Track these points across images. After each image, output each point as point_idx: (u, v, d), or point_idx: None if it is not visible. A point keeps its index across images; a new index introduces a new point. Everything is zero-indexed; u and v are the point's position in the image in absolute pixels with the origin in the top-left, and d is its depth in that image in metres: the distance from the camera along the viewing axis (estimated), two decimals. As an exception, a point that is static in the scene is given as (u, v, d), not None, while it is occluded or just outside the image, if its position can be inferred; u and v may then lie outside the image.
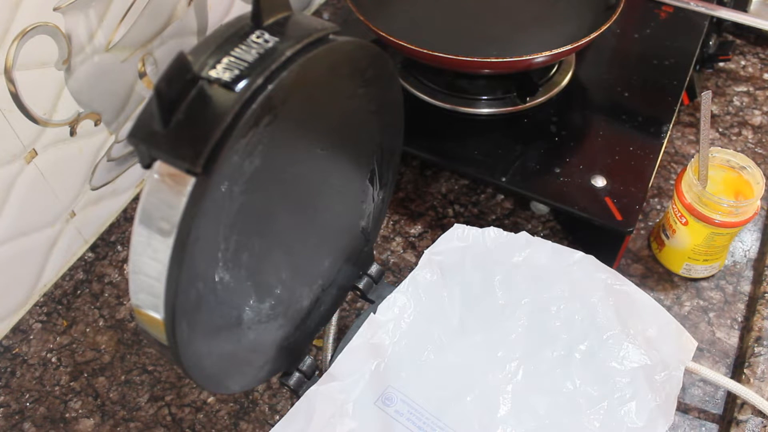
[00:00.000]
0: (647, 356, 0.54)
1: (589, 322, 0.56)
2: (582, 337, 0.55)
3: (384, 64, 0.45)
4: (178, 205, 0.33)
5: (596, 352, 0.55)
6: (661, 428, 0.51)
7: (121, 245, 0.71)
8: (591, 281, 0.57)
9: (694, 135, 0.77)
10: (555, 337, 0.56)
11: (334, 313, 0.56)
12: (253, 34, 0.35)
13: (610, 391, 0.53)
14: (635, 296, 0.56)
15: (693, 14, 0.77)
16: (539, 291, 0.57)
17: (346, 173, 0.49)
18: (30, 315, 0.65)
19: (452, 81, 0.71)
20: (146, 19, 0.66)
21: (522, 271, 0.58)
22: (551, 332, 0.56)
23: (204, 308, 0.40)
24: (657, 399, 0.52)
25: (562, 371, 0.54)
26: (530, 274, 0.58)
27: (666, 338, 0.54)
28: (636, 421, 0.51)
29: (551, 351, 0.55)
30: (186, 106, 0.32)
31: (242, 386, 0.47)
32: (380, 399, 0.53)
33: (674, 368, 0.53)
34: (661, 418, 0.51)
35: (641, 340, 0.54)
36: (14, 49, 0.54)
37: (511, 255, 0.58)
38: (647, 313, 0.55)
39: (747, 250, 0.67)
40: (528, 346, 0.55)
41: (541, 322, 0.57)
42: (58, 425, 0.58)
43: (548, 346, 0.55)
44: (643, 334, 0.55)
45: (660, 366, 0.53)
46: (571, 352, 0.55)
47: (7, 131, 0.57)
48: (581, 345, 0.55)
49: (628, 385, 0.53)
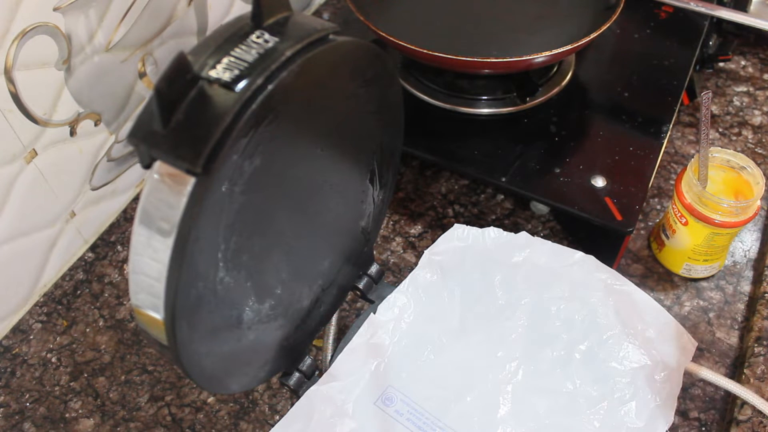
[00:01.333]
0: (647, 356, 0.54)
1: (589, 322, 0.56)
2: (582, 338, 0.55)
3: (384, 64, 0.45)
4: (178, 205, 0.33)
5: (596, 352, 0.55)
6: (661, 428, 0.51)
7: (121, 245, 0.71)
8: (591, 281, 0.57)
9: (694, 135, 0.77)
10: (555, 337, 0.56)
11: (334, 313, 0.56)
12: (253, 34, 0.35)
13: (610, 391, 0.53)
14: (635, 296, 0.56)
15: (693, 14, 0.77)
16: (539, 291, 0.57)
17: (346, 173, 0.49)
18: (30, 315, 0.65)
19: (452, 81, 0.71)
20: (146, 19, 0.66)
21: (522, 271, 0.58)
22: (551, 332, 0.56)
23: (204, 308, 0.40)
24: (657, 399, 0.52)
25: (562, 371, 0.54)
26: (530, 274, 0.58)
27: (666, 339, 0.54)
28: (636, 421, 0.51)
29: (551, 351, 0.55)
30: (186, 106, 0.32)
31: (242, 386, 0.47)
32: (380, 399, 0.53)
33: (674, 368, 0.53)
34: (661, 418, 0.51)
35: (641, 341, 0.54)
36: (14, 49, 0.54)
37: (511, 255, 0.58)
38: (647, 314, 0.55)
39: (747, 250, 0.67)
40: (528, 346, 0.55)
41: (541, 322, 0.57)
42: (58, 425, 0.58)
43: (548, 346, 0.55)
44: (643, 335, 0.55)
45: (660, 366, 0.53)
46: (571, 353, 0.55)
47: (7, 131, 0.57)
48: (581, 345, 0.55)
49: (628, 385, 0.53)
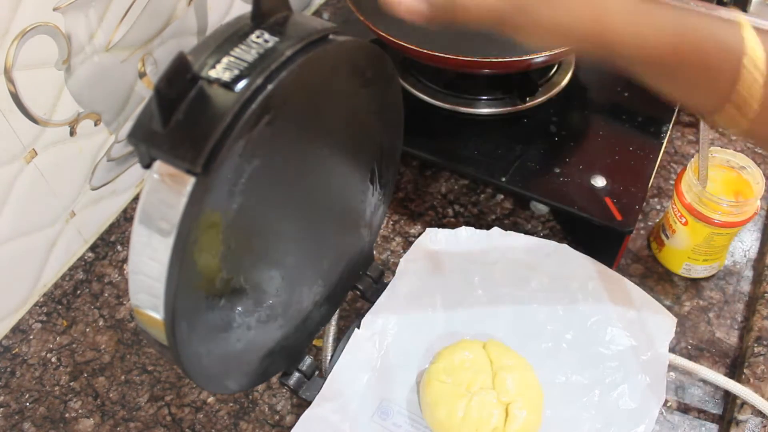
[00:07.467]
0: (632, 337, 0.55)
1: (572, 311, 0.56)
2: (566, 327, 0.56)
3: (384, 64, 0.45)
4: (178, 205, 0.33)
5: (582, 340, 0.55)
6: (655, 407, 0.51)
7: (121, 245, 0.71)
8: (568, 270, 0.58)
9: (694, 135, 0.77)
10: (540, 329, 0.56)
11: (334, 313, 0.56)
12: (253, 34, 0.35)
13: (601, 376, 0.54)
14: (612, 278, 0.57)
15: (693, 14, 0.77)
16: (519, 286, 0.58)
17: (346, 173, 0.49)
18: (30, 315, 0.65)
19: (452, 81, 0.71)
20: (146, 19, 0.66)
21: (500, 267, 0.59)
22: (536, 325, 0.57)
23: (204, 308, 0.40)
24: (647, 379, 0.53)
25: (552, 363, 0.55)
26: (508, 271, 0.59)
27: (647, 317, 0.55)
28: (630, 402, 0.52)
29: (538, 344, 0.56)
30: (186, 106, 0.32)
31: (242, 386, 0.47)
32: (376, 413, 0.53)
33: (659, 345, 0.54)
34: (653, 397, 0.52)
35: (624, 323, 0.55)
36: (14, 49, 0.54)
37: (486, 254, 0.58)
38: (626, 295, 0.56)
39: (747, 250, 0.67)
40: (515, 341, 0.55)
41: (526, 316, 0.57)
42: (58, 425, 0.58)
43: (535, 340, 0.56)
44: (625, 316, 0.56)
45: (645, 345, 0.54)
46: (558, 343, 0.56)
47: (7, 131, 0.57)
48: (567, 334, 0.56)
49: (617, 368, 0.54)
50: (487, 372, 0.52)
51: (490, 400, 0.50)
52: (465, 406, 0.50)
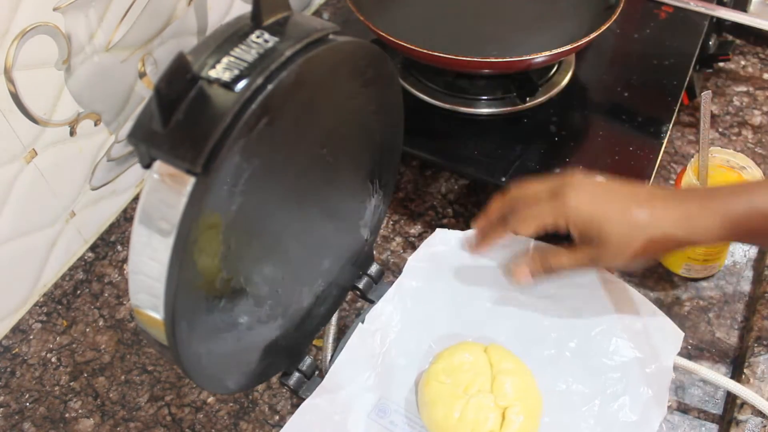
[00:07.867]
0: (636, 349, 0.54)
1: (577, 319, 0.56)
2: (570, 335, 0.56)
3: (384, 64, 0.45)
4: (177, 205, 0.33)
5: (586, 349, 0.55)
6: (655, 421, 0.51)
7: (121, 245, 0.71)
8: (576, 277, 0.57)
9: (694, 135, 0.77)
10: (544, 336, 0.56)
11: (334, 313, 0.56)
12: (252, 34, 0.35)
13: (602, 387, 0.53)
14: (620, 289, 0.56)
15: (693, 14, 0.77)
16: (525, 291, 0.58)
17: (346, 173, 0.49)
18: (30, 315, 0.65)
19: (452, 81, 0.71)
20: (146, 19, 0.66)
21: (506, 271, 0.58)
22: (540, 332, 0.56)
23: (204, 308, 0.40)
24: (649, 392, 0.52)
25: (554, 370, 0.54)
26: None
27: (653, 330, 0.55)
28: (630, 415, 0.51)
29: (541, 350, 0.55)
30: (186, 106, 0.32)
31: (242, 386, 0.47)
32: (374, 411, 0.53)
33: (664, 359, 0.53)
34: (654, 410, 0.51)
35: (629, 334, 0.55)
36: (14, 49, 0.54)
37: (495, 256, 0.58)
38: (633, 306, 0.56)
39: (747, 250, 0.67)
40: (518, 346, 0.55)
41: (530, 322, 0.57)
42: (58, 425, 0.58)
43: (537, 346, 0.56)
44: (631, 328, 0.55)
45: (650, 358, 0.53)
46: (561, 351, 0.55)
47: (7, 131, 0.57)
48: (570, 343, 0.55)
49: (620, 379, 0.53)
50: (487, 375, 0.51)
51: (488, 404, 0.50)
52: (462, 407, 0.50)
